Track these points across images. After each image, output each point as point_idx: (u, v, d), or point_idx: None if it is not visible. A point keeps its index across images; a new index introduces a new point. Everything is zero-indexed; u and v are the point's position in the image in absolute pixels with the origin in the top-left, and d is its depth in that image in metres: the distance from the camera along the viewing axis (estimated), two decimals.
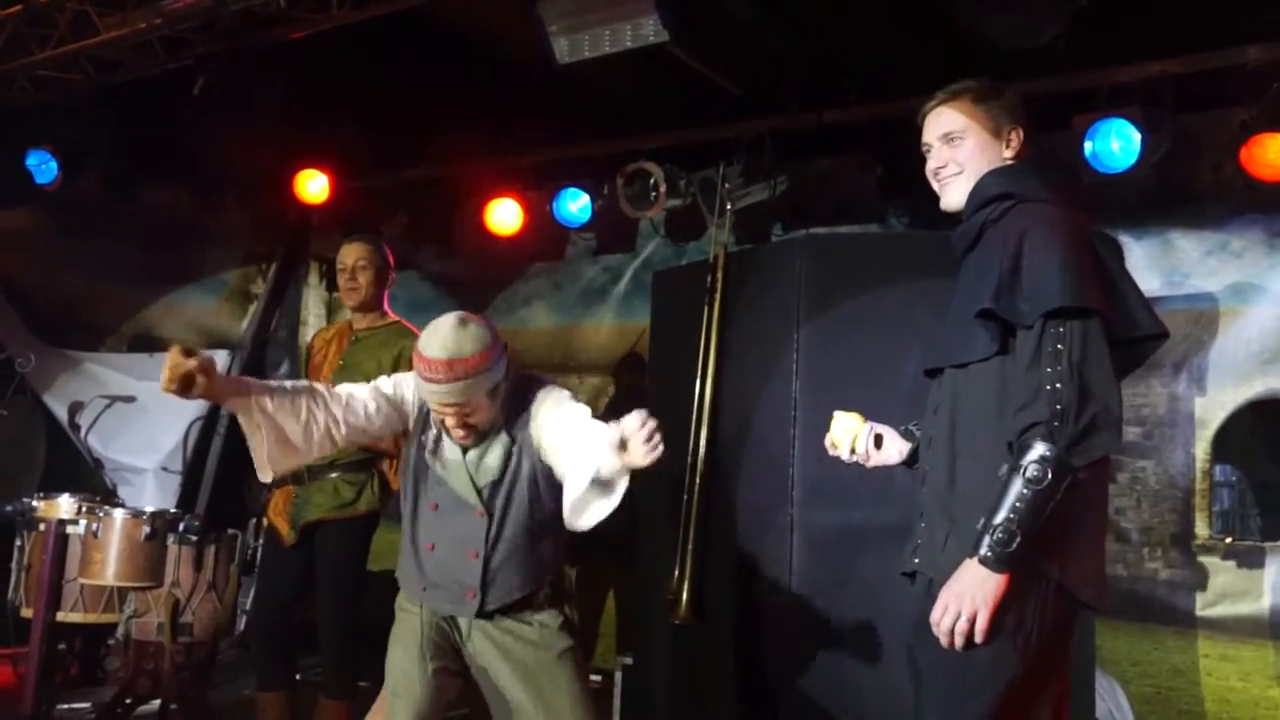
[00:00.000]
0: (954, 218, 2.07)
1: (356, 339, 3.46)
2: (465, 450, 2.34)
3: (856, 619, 2.94)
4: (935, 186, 2.06)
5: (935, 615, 1.75)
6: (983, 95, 2.01)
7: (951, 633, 1.74)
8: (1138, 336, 1.88)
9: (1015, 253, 1.82)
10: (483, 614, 2.34)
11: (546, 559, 2.39)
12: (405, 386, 2.44)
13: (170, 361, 2.12)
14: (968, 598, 1.72)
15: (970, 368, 1.89)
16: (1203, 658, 3.69)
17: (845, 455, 2.17)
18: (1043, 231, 1.83)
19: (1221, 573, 3.71)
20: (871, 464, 2.18)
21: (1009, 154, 1.99)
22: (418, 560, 2.40)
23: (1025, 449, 1.71)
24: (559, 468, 2.23)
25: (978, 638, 1.73)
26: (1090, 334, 1.76)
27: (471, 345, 2.21)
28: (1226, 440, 3.77)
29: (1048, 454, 1.69)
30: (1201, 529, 3.77)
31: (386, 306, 3.52)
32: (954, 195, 2.01)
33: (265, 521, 3.51)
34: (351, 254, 3.46)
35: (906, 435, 2.17)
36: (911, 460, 2.15)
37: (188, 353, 2.14)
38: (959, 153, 1.99)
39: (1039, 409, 1.72)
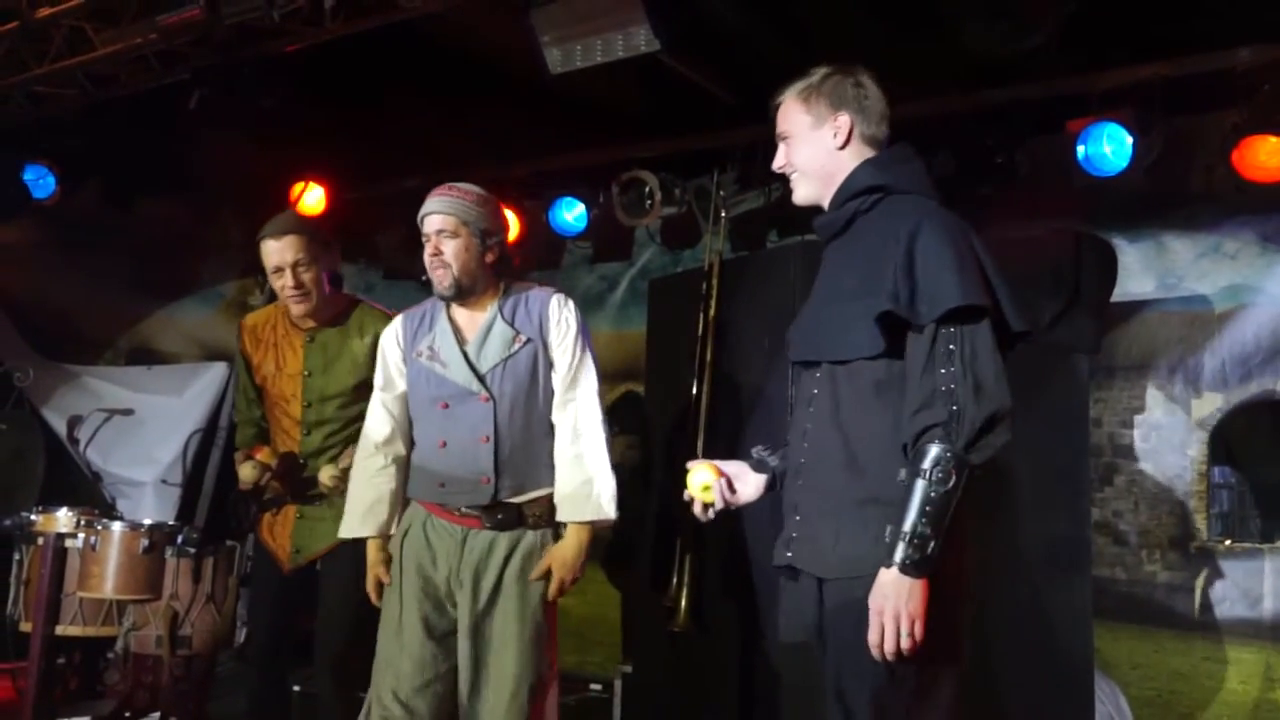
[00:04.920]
0: None
1: (312, 338, 2.97)
2: (460, 342, 2.52)
3: None
4: None
5: (873, 638, 1.71)
6: (804, 91, 1.99)
7: (897, 649, 1.70)
8: (1012, 334, 1.86)
9: (908, 251, 1.80)
10: (496, 501, 2.44)
11: (551, 461, 2.51)
12: (385, 363, 2.67)
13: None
14: (901, 611, 1.69)
15: (851, 362, 1.85)
16: (1202, 660, 3.68)
17: (700, 512, 2.07)
18: (933, 230, 1.81)
19: (1221, 575, 3.70)
20: (735, 507, 2.11)
21: (837, 143, 1.96)
22: (434, 462, 2.51)
23: (923, 453, 1.70)
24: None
25: (910, 642, 1.69)
26: (981, 333, 1.76)
27: (473, 190, 2.58)
28: (1223, 442, 3.77)
29: (948, 454, 1.68)
30: (1200, 531, 3.77)
31: (328, 289, 2.93)
32: (799, 192, 2.03)
33: (254, 539, 3.45)
34: (287, 251, 2.77)
35: (758, 465, 2.09)
36: (775, 484, 2.08)
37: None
38: (790, 152, 2.01)
39: (936, 411, 1.71)
